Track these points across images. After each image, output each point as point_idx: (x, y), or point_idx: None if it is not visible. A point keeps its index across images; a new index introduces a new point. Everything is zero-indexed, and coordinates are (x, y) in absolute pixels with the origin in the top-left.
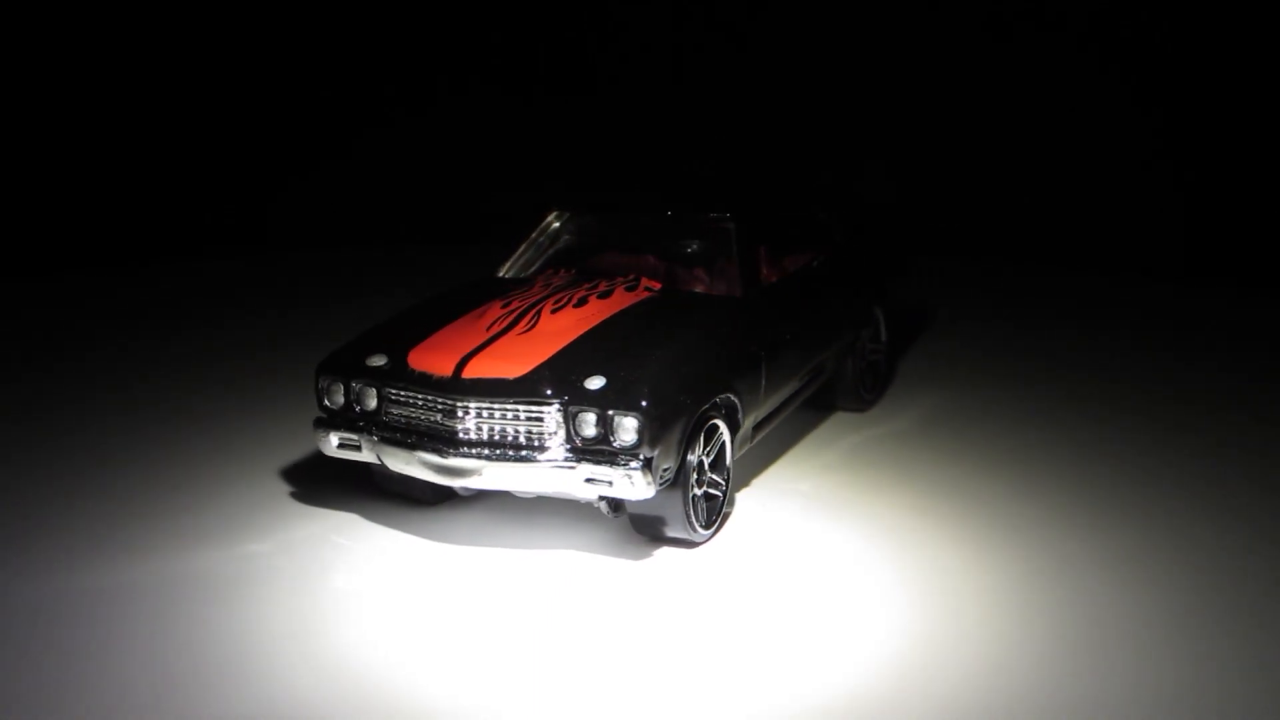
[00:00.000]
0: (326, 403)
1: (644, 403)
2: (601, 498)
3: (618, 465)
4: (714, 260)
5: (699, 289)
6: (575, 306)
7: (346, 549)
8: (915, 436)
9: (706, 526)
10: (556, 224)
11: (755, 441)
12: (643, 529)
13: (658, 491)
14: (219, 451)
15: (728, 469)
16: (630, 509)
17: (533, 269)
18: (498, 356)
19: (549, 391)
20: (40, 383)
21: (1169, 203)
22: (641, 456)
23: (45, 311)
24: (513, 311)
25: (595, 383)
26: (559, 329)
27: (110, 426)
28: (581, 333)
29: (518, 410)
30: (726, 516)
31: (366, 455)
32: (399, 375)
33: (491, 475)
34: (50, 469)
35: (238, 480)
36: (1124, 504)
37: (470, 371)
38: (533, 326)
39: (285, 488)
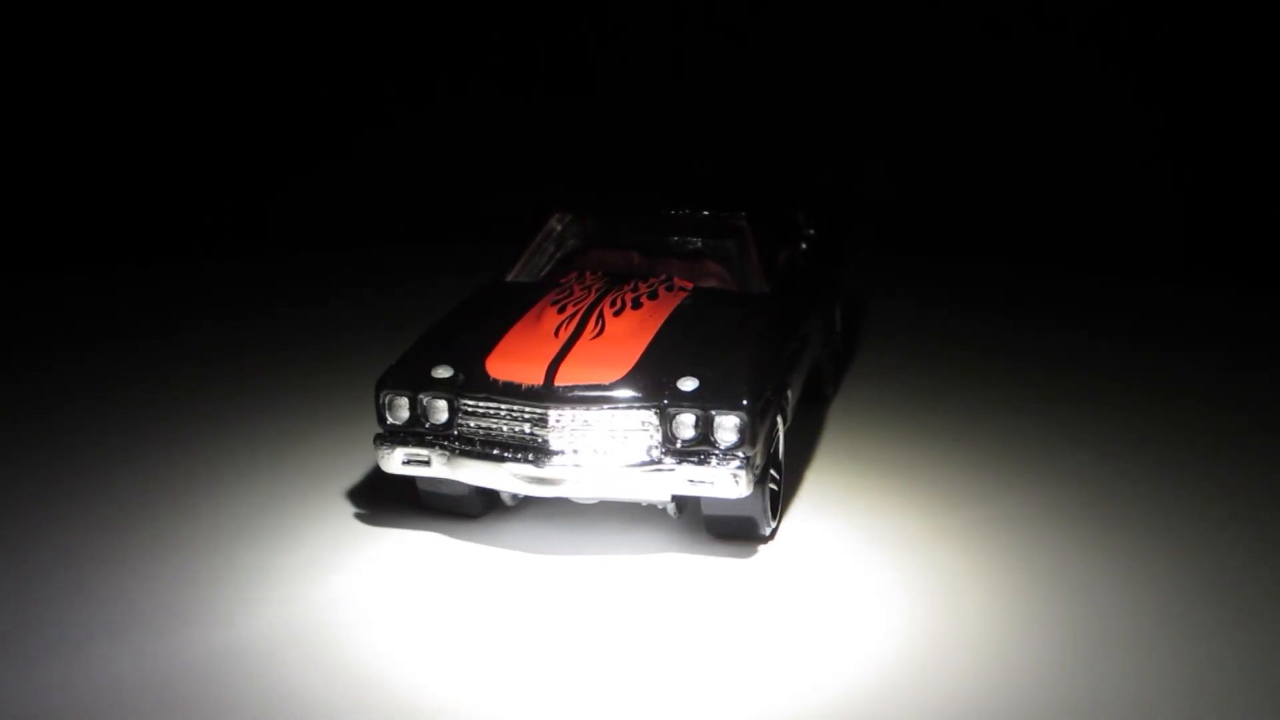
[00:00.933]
0: (388, 418)
1: (745, 401)
2: (674, 498)
3: (721, 465)
4: (733, 258)
5: (719, 285)
6: (633, 309)
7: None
8: (912, 435)
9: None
10: (562, 226)
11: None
12: (719, 528)
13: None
14: (226, 458)
15: (780, 462)
16: (708, 509)
17: (544, 272)
18: (585, 362)
19: (645, 395)
20: (40, 383)
21: (1169, 203)
22: (742, 455)
23: (45, 311)
24: (572, 316)
25: (689, 384)
26: (629, 331)
27: (111, 427)
28: (653, 334)
29: (614, 415)
30: (784, 510)
31: (437, 471)
32: (480, 386)
33: (587, 483)
34: (51, 469)
35: (248, 492)
36: (1124, 503)
37: (562, 378)
38: (601, 330)
39: (304, 500)
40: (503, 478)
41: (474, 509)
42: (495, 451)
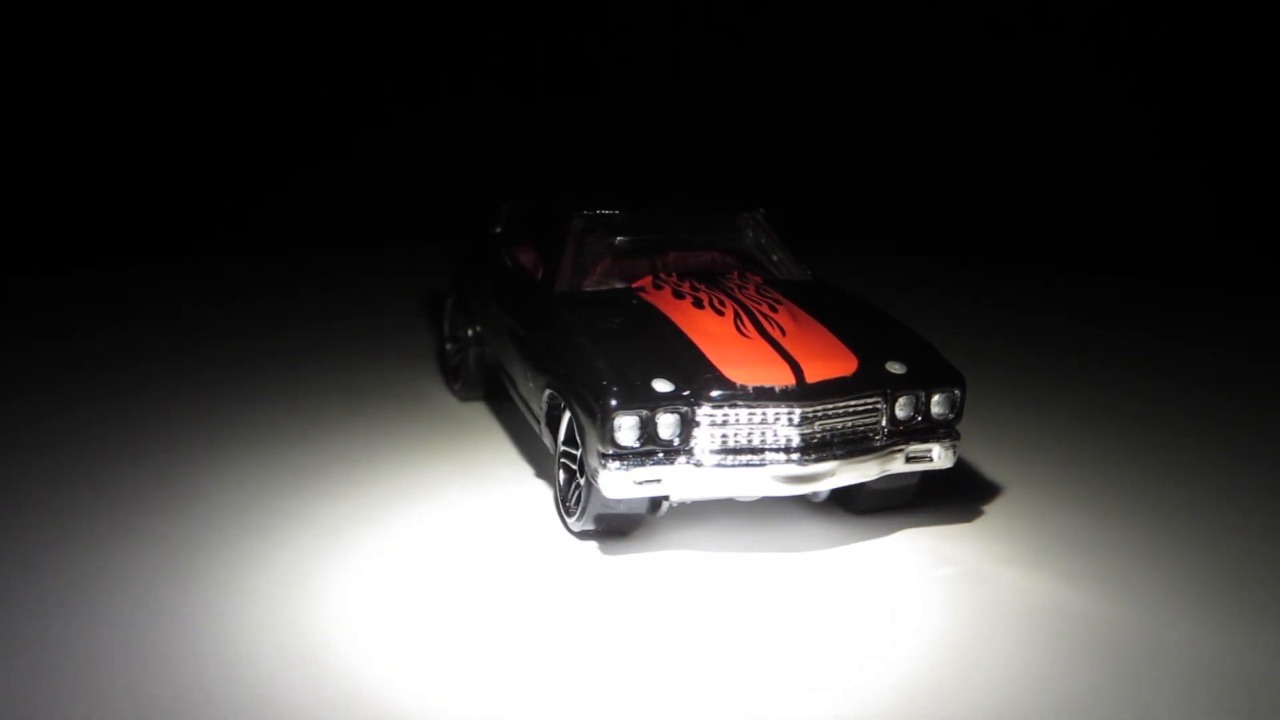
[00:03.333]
0: (617, 440)
1: (959, 377)
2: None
3: (941, 439)
4: (759, 250)
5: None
6: (777, 303)
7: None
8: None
9: None
10: (583, 228)
11: None
12: (874, 502)
13: None
14: (232, 459)
15: None
16: (877, 485)
17: (596, 276)
18: (815, 358)
19: (874, 382)
20: (36, 382)
21: (1169, 202)
22: (954, 427)
23: (44, 311)
24: (738, 318)
25: (898, 367)
26: (802, 326)
27: (112, 425)
28: (822, 325)
29: (855, 405)
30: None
31: (669, 488)
32: (728, 394)
33: (842, 474)
34: (55, 465)
35: (241, 484)
36: (1144, 508)
37: (811, 376)
38: (783, 329)
39: (297, 488)
40: (759, 482)
41: (637, 525)
42: (749, 457)
